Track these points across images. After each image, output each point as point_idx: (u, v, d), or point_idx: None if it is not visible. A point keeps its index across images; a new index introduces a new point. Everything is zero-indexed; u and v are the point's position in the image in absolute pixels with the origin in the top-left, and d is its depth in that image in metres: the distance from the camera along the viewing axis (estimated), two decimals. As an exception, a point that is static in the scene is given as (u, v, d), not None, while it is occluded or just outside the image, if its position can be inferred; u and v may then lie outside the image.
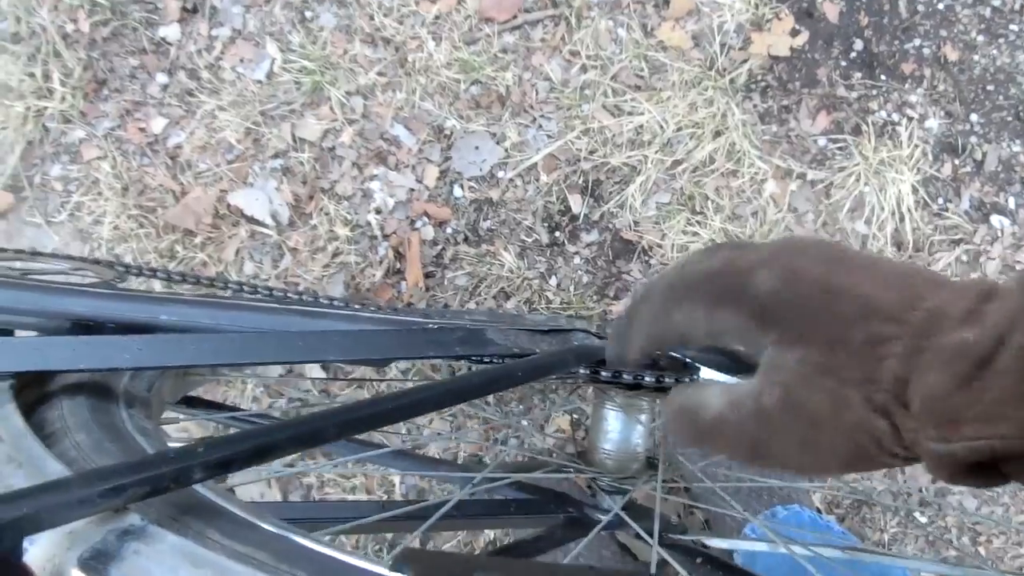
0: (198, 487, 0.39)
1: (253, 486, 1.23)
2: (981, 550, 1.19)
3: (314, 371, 1.20)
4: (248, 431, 0.41)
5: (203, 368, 0.67)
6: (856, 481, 1.20)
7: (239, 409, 0.85)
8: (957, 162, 1.20)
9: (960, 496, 1.17)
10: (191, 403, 0.81)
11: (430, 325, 0.68)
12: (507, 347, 0.64)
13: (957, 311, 0.33)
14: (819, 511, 1.11)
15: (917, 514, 1.21)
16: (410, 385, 0.51)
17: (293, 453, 0.45)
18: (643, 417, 0.74)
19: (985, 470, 0.32)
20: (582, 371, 0.66)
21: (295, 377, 1.21)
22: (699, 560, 0.73)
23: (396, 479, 1.23)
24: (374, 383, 1.22)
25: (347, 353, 0.58)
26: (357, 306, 0.82)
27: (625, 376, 0.69)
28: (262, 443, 0.41)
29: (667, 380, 0.69)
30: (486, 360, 0.65)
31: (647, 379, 0.65)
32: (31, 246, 1.23)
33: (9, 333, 0.68)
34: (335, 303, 0.83)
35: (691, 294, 0.40)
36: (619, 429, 0.74)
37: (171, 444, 0.78)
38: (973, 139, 1.20)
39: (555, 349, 0.67)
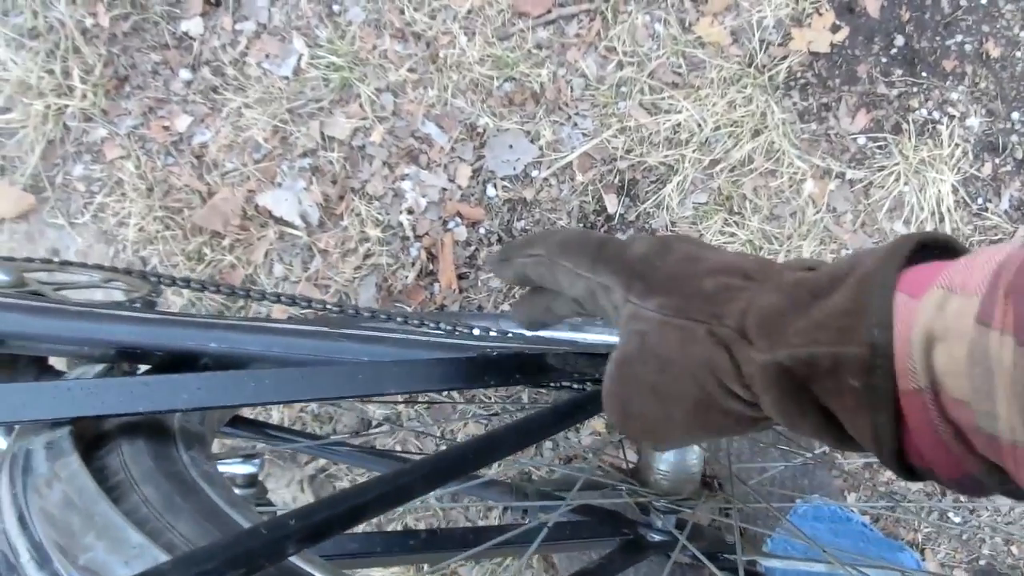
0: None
1: (285, 490, 1.22)
2: (1014, 549, 1.19)
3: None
4: (336, 496, 0.40)
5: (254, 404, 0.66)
6: (891, 482, 1.19)
7: (286, 429, 0.83)
8: (998, 161, 1.18)
9: (993, 500, 1.17)
10: (236, 422, 0.79)
11: (488, 350, 0.66)
12: (567, 373, 0.63)
13: (804, 265, 0.36)
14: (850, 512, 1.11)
15: (951, 514, 1.21)
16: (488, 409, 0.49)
17: (384, 513, 0.43)
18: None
19: (801, 395, 0.32)
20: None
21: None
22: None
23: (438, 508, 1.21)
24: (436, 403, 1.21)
25: (407, 385, 0.57)
26: (412, 322, 0.80)
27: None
28: (353, 507, 0.39)
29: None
30: (545, 385, 0.64)
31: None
32: (53, 248, 1.20)
33: (43, 360, 0.66)
34: (388, 319, 0.81)
35: (581, 249, 0.43)
36: (676, 451, 0.73)
37: (238, 464, 0.76)
38: (1014, 138, 1.18)
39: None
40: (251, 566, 0.33)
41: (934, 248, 0.32)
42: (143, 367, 0.60)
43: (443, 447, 1.21)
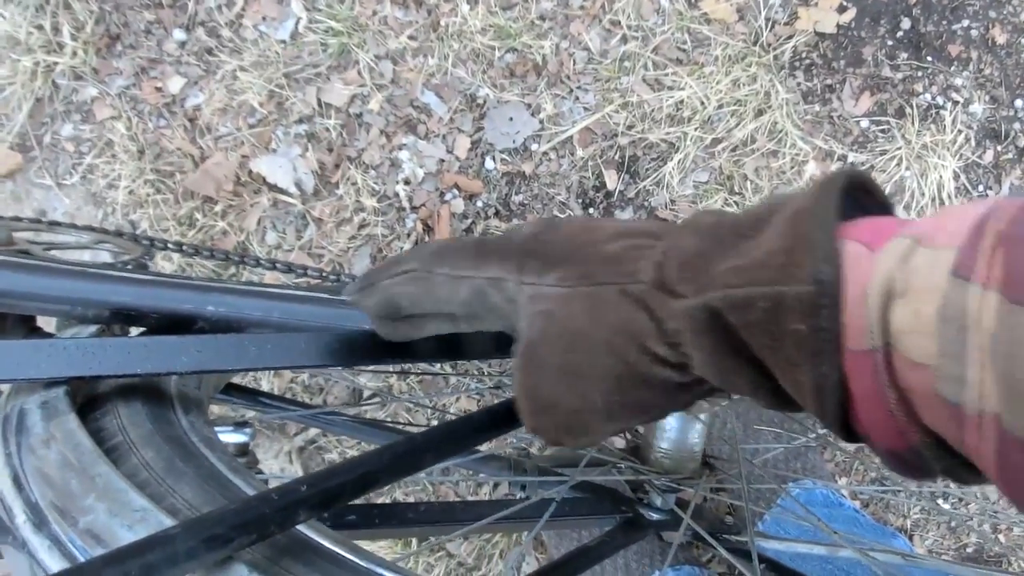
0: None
1: (273, 461, 1.21)
2: (1001, 538, 1.20)
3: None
4: (347, 463, 0.39)
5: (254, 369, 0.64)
6: (883, 468, 1.20)
7: (279, 398, 0.81)
8: (1000, 148, 1.18)
9: (982, 488, 1.18)
10: (230, 389, 0.78)
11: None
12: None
13: (712, 214, 0.33)
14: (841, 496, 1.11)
15: (940, 501, 1.22)
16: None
17: (394, 482, 0.42)
18: (702, 416, 0.72)
19: (736, 345, 0.28)
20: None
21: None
22: (763, 566, 0.72)
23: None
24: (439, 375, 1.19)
25: (409, 355, 0.55)
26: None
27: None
28: (364, 475, 0.38)
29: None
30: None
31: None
32: (41, 208, 1.17)
33: (31, 320, 0.64)
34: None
35: (459, 251, 0.38)
36: (677, 428, 0.72)
37: (230, 430, 0.74)
38: (1017, 125, 1.17)
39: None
40: (262, 532, 0.32)
41: (860, 191, 0.28)
42: (136, 330, 0.58)
43: (435, 421, 1.21)
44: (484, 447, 1.04)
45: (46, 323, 0.63)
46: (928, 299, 0.23)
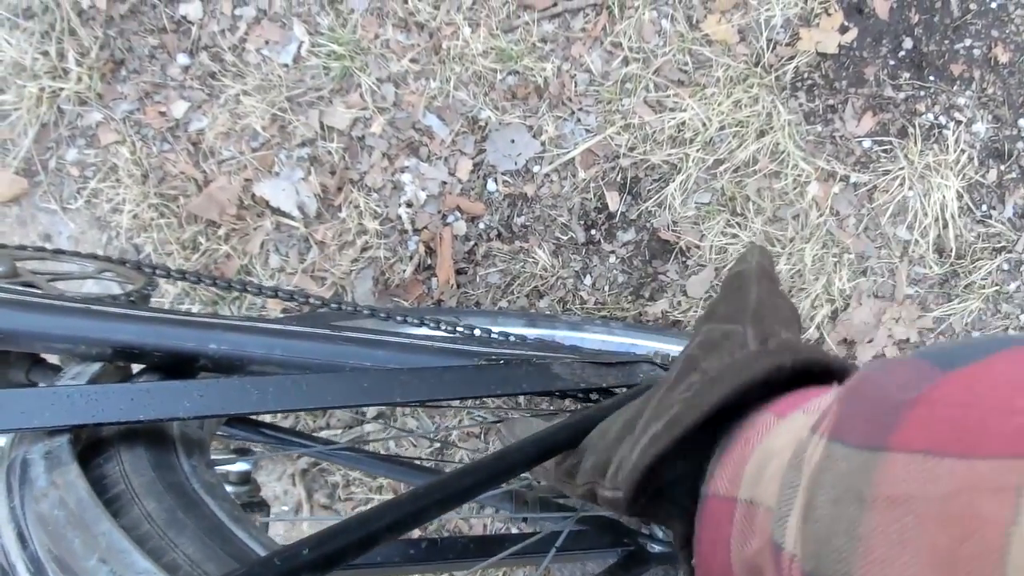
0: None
1: (276, 483, 1.21)
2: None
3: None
4: (349, 522, 0.39)
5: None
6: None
7: (281, 429, 0.82)
8: (1003, 168, 1.17)
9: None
10: (233, 422, 0.78)
11: (495, 358, 0.65)
12: (574, 383, 0.62)
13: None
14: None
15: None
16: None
17: (397, 538, 0.42)
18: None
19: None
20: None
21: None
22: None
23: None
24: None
25: (413, 395, 0.55)
26: (412, 319, 0.79)
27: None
28: (366, 534, 0.38)
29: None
30: (551, 394, 0.63)
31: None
32: (45, 233, 1.18)
33: (35, 355, 0.64)
34: (388, 316, 0.80)
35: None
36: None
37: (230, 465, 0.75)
38: (1020, 145, 1.17)
39: (628, 392, 0.65)
40: None
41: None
42: (138, 366, 0.59)
43: (437, 445, 1.20)
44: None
45: (50, 357, 0.64)
46: (788, 451, 0.25)
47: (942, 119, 1.17)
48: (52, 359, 0.64)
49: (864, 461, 0.21)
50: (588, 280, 1.19)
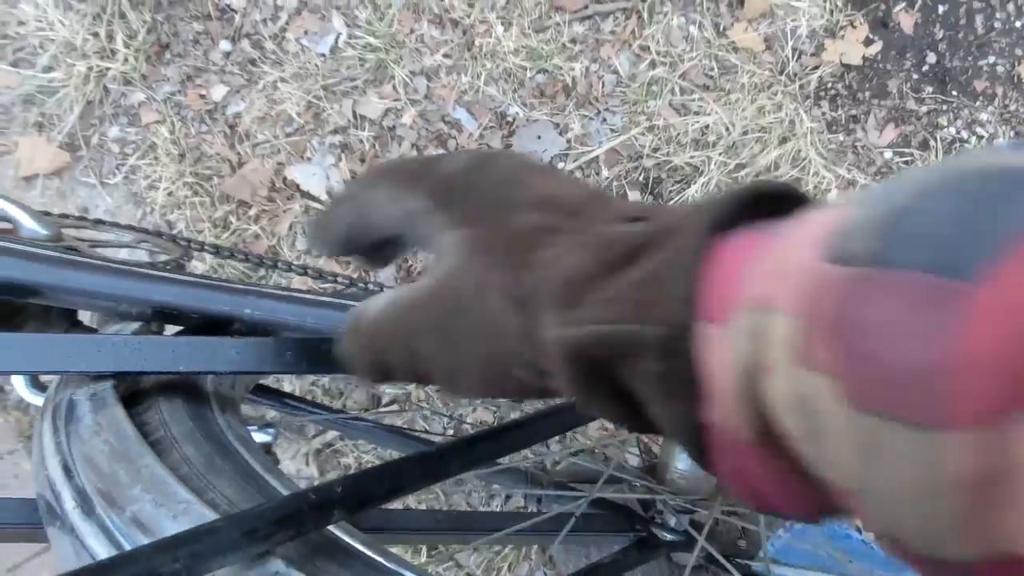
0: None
1: (291, 462, 1.24)
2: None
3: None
4: (380, 467, 0.41)
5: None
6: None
7: (304, 400, 0.85)
8: (1022, 185, 1.19)
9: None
10: (258, 390, 0.82)
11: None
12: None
13: (635, 211, 0.29)
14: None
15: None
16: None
17: (421, 488, 0.45)
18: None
19: (598, 377, 0.27)
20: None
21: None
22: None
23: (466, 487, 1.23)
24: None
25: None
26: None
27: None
28: (395, 480, 0.41)
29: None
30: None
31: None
32: (83, 206, 1.22)
33: (73, 314, 0.68)
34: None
35: (386, 175, 0.36)
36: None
37: (255, 428, 0.78)
38: (1040, 163, 1.19)
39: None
40: (299, 528, 0.35)
41: (772, 201, 0.25)
42: (174, 328, 0.62)
43: (451, 431, 1.23)
44: (504, 459, 1.07)
45: (85, 319, 0.67)
46: (779, 377, 0.21)
47: (964, 133, 1.19)
48: (89, 324, 0.68)
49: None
50: (606, 277, 1.21)
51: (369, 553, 0.38)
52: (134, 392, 0.54)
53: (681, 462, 0.73)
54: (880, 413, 0.18)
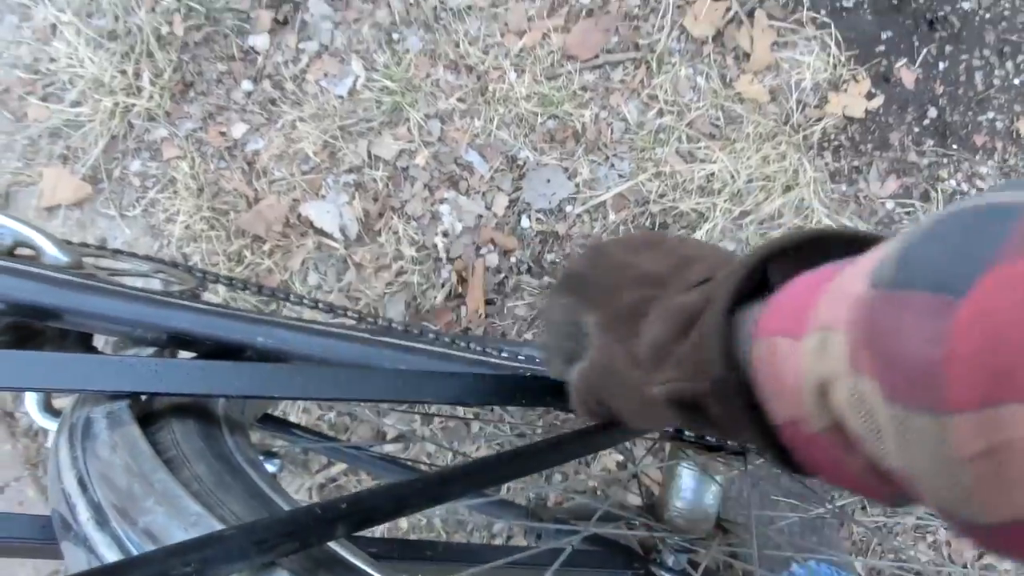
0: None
1: (295, 495, 1.25)
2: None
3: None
4: (384, 488, 0.43)
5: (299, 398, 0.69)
6: (901, 550, 1.20)
7: (311, 431, 0.86)
8: (1023, 238, 1.21)
9: (1008, 571, 1.18)
10: (266, 419, 0.83)
11: (522, 371, 0.69)
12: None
13: (697, 277, 0.38)
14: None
15: (956, 582, 1.22)
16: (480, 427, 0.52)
17: (423, 509, 0.47)
18: (718, 478, 0.75)
19: (694, 413, 0.35)
20: (667, 430, 0.68)
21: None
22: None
23: (465, 517, 1.24)
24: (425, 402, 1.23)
25: (444, 396, 0.60)
26: (448, 340, 0.84)
27: (708, 437, 0.71)
28: (399, 500, 0.43)
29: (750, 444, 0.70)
30: (572, 410, 0.67)
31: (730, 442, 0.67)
32: (102, 237, 1.25)
33: (88, 339, 0.70)
34: (421, 334, 0.85)
35: (554, 290, 0.48)
36: (693, 488, 0.75)
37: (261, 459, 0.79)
38: (1041, 217, 1.20)
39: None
40: (304, 541, 0.36)
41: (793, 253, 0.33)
42: (188, 354, 0.64)
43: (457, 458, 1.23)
44: (505, 492, 1.07)
45: (99, 345, 0.69)
46: (842, 385, 0.25)
47: (964, 186, 1.21)
48: (104, 350, 0.70)
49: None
50: (611, 318, 1.23)
51: (370, 571, 0.39)
52: (148, 413, 0.56)
53: (680, 501, 0.74)
54: (905, 404, 0.22)
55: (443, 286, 1.23)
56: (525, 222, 1.24)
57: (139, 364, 0.52)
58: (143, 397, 0.55)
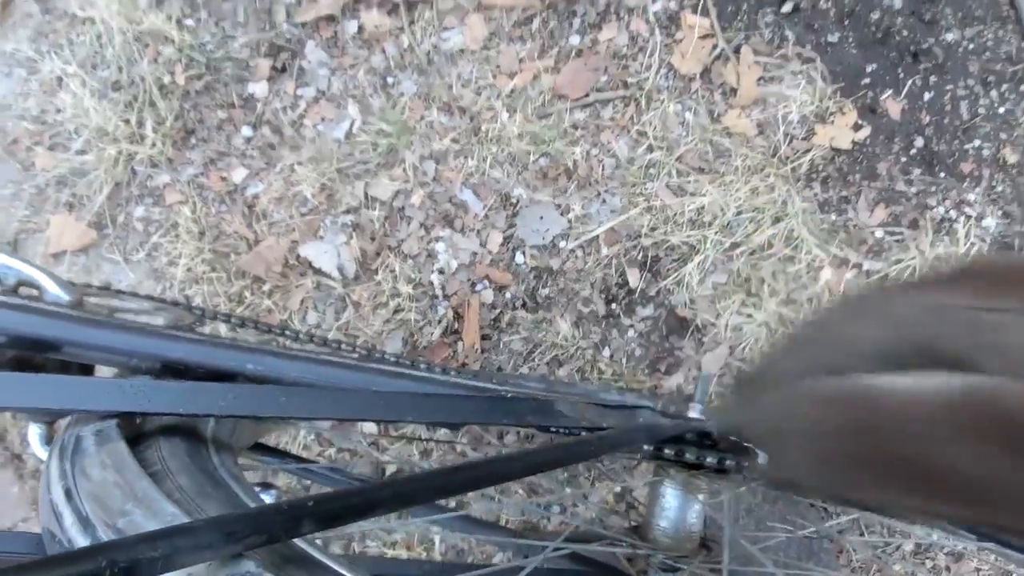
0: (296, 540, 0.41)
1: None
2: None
3: (366, 425, 1.22)
4: (351, 489, 0.44)
5: (283, 418, 0.70)
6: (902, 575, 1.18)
7: (306, 460, 0.87)
8: (1014, 263, 1.21)
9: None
10: (258, 448, 0.84)
11: (504, 392, 0.70)
12: (576, 420, 0.67)
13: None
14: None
15: (963, 615, 1.19)
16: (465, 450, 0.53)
17: (391, 512, 0.47)
18: (701, 497, 0.75)
19: None
20: (647, 448, 0.68)
21: (346, 430, 1.23)
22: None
23: (436, 539, 1.24)
24: (422, 440, 1.24)
25: (425, 415, 0.61)
26: (435, 368, 0.85)
27: (688, 456, 0.71)
28: (364, 501, 0.43)
29: (728, 462, 0.71)
30: (554, 430, 0.67)
31: (709, 459, 0.68)
32: (107, 280, 1.28)
33: (90, 370, 0.72)
34: (412, 364, 0.86)
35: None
36: (676, 507, 0.75)
37: (257, 490, 0.80)
38: (1030, 241, 1.21)
39: (626, 426, 0.70)
40: (272, 535, 0.37)
41: None
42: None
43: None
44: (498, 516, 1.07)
45: (102, 373, 0.71)
46: None
47: (952, 213, 1.22)
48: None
49: None
50: (607, 352, 1.24)
51: (335, 567, 0.40)
52: (139, 434, 0.57)
53: (664, 520, 0.74)
54: None
55: (440, 322, 1.24)
56: (519, 258, 1.25)
57: (127, 385, 0.54)
58: (137, 420, 0.57)
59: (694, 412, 0.73)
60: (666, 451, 0.70)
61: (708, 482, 0.74)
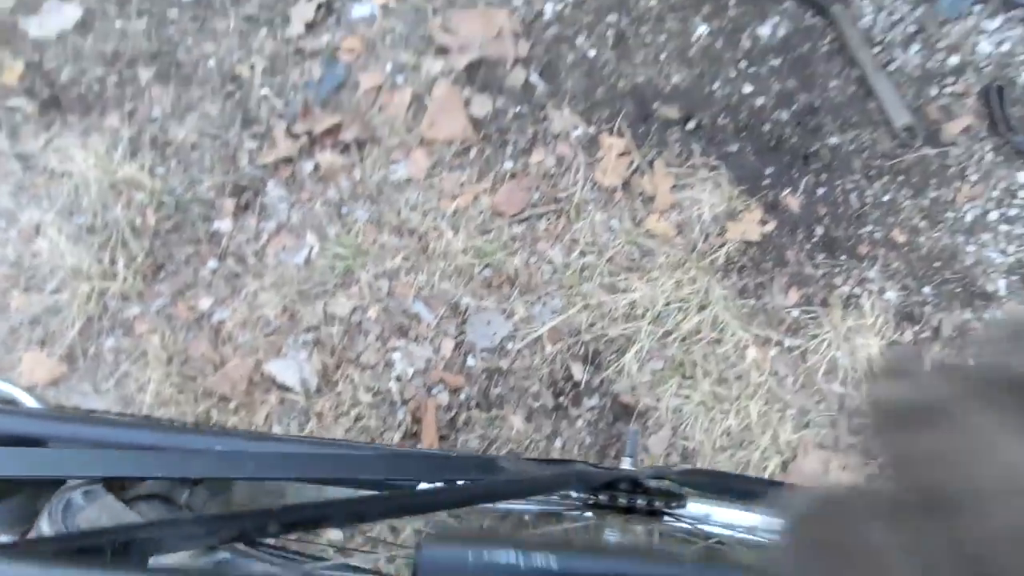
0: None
1: None
2: None
3: (330, 533, 1.26)
4: (312, 503, 0.52)
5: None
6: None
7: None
8: (916, 329, 1.34)
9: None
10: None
11: (450, 454, 0.78)
12: (516, 473, 0.75)
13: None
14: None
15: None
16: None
17: (343, 526, 0.55)
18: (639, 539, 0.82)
19: None
20: (580, 495, 0.76)
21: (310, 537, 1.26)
22: None
23: None
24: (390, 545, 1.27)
25: (377, 473, 0.68)
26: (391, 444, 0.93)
27: (620, 500, 0.79)
28: (320, 513, 0.51)
29: (657, 504, 0.79)
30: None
31: (639, 503, 0.76)
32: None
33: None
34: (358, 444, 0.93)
35: None
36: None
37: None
38: (928, 308, 1.35)
39: (558, 470, 0.78)
40: (243, 532, 0.45)
41: None
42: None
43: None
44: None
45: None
46: None
47: (857, 290, 1.36)
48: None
49: None
50: (559, 442, 1.31)
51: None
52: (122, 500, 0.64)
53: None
54: None
55: (399, 426, 1.31)
56: (471, 361, 1.35)
57: (111, 453, 0.61)
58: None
59: (625, 464, 0.81)
60: (600, 497, 0.77)
61: (645, 526, 0.80)
